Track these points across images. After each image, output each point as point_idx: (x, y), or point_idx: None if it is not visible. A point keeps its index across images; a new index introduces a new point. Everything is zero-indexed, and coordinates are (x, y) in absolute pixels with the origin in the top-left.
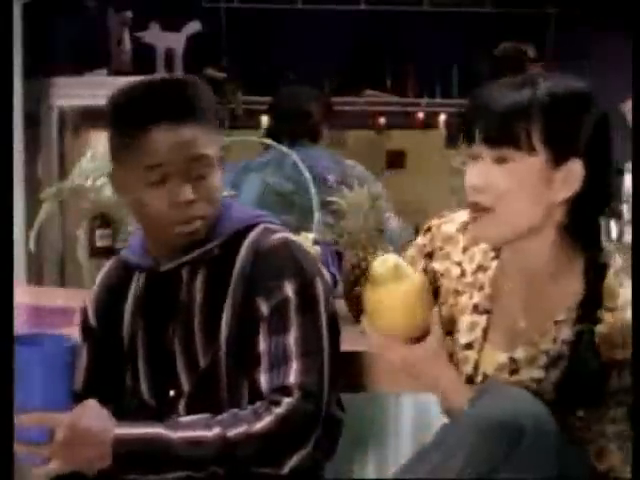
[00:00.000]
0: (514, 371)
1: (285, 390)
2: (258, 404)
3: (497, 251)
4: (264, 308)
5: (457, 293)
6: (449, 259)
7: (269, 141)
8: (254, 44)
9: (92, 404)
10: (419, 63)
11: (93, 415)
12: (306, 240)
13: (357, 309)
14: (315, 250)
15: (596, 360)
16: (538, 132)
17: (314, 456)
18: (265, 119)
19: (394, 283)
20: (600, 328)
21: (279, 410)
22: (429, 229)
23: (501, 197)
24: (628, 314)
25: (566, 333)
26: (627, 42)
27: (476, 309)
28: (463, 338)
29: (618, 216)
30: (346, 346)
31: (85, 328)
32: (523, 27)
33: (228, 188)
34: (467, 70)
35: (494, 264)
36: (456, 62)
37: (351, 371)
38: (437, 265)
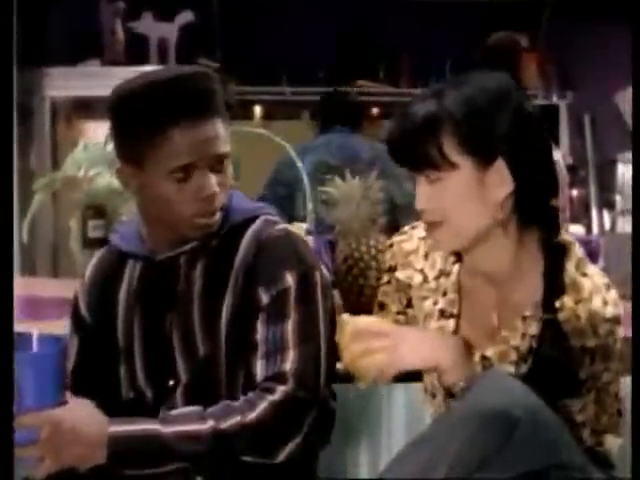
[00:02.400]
0: (486, 368)
1: (280, 377)
2: (251, 394)
3: (458, 255)
4: (264, 297)
5: (422, 299)
6: (411, 267)
7: (263, 131)
8: (248, 34)
9: (81, 401)
10: (412, 53)
11: (81, 413)
12: (299, 230)
13: (350, 298)
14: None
15: (562, 352)
16: (452, 145)
17: (308, 446)
18: (258, 109)
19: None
20: (567, 318)
21: (273, 397)
22: (391, 245)
23: (446, 212)
24: (595, 302)
25: (534, 328)
26: (626, 32)
27: (442, 314)
28: None
29: (611, 206)
30: None
31: (76, 319)
32: (518, 16)
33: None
34: (461, 60)
35: (455, 268)
36: (450, 52)
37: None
38: (400, 274)
